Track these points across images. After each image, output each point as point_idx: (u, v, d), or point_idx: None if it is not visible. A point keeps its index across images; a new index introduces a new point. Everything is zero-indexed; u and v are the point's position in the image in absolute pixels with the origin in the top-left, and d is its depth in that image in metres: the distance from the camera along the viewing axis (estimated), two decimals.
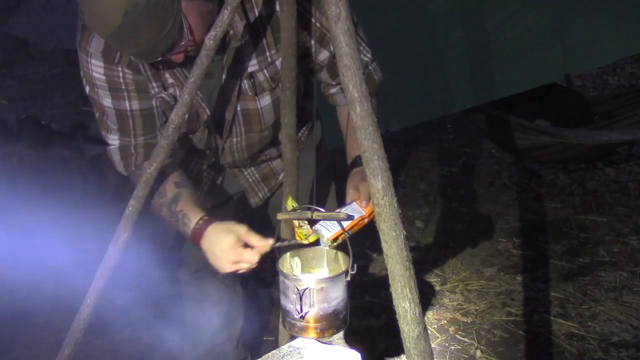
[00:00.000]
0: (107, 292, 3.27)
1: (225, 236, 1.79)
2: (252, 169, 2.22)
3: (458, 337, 2.95)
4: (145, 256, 3.54)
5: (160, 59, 1.73)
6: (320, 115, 2.39)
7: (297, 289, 1.75)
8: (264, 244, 1.78)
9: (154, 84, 1.90)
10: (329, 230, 1.80)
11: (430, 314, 3.07)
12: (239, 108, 1.98)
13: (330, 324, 1.76)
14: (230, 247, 1.77)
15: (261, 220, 2.39)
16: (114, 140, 1.97)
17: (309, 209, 1.81)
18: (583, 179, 4.20)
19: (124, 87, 1.89)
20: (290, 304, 1.79)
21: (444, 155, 4.69)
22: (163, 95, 1.91)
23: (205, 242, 1.82)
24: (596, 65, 4.54)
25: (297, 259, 1.90)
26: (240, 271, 1.81)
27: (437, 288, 3.27)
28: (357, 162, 1.95)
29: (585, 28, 3.38)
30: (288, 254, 1.89)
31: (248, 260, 1.78)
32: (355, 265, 1.75)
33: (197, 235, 1.84)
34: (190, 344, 2.55)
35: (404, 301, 1.38)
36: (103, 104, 1.91)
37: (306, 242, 1.82)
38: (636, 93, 3.97)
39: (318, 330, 1.76)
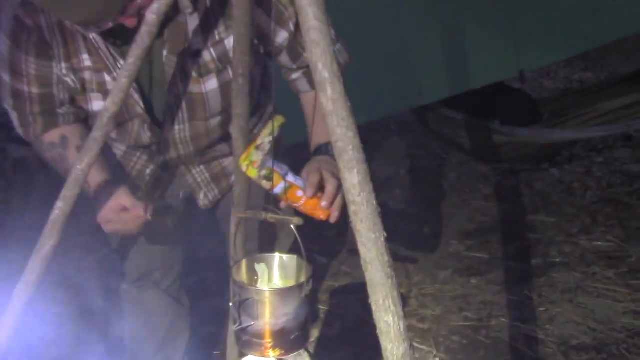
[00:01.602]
0: (34, 308, 2.96)
1: (104, 210, 1.70)
2: (202, 167, 1.96)
3: (415, 344, 2.75)
4: (73, 265, 3.22)
5: (110, 26, 1.49)
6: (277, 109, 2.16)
7: (239, 297, 1.52)
8: (134, 208, 1.68)
9: (63, 65, 1.67)
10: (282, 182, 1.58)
11: None
12: (180, 91, 1.73)
13: (277, 344, 1.51)
14: (105, 222, 1.70)
15: (210, 224, 2.15)
16: (10, 107, 1.76)
17: (264, 209, 1.58)
18: (530, 180, 4.09)
19: (24, 73, 1.67)
20: (235, 312, 1.56)
21: (390, 157, 4.51)
22: (68, 79, 1.68)
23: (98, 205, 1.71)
24: (550, 62, 4.44)
25: (263, 266, 1.66)
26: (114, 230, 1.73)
27: None
28: (322, 149, 1.72)
29: (539, 23, 3.27)
30: (258, 257, 1.65)
31: (119, 228, 1.71)
32: (310, 280, 1.52)
33: (95, 196, 1.73)
34: None
35: (387, 314, 1.16)
36: (2, 76, 1.71)
37: (244, 169, 1.58)
38: (583, 92, 3.90)
39: (262, 347, 1.50)
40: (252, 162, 1.58)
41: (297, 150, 2.10)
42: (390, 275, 1.15)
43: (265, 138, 1.59)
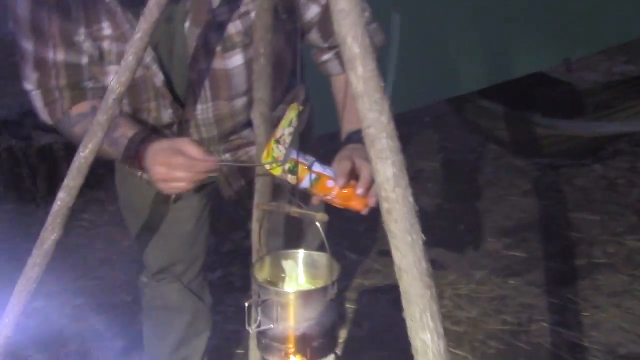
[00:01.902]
0: (55, 298, 2.84)
1: (157, 153, 1.45)
2: (227, 155, 1.80)
3: (450, 349, 2.56)
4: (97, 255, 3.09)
5: None
6: (308, 96, 2.00)
7: (258, 297, 1.37)
8: (203, 156, 1.41)
9: (82, 31, 1.51)
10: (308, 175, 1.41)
11: None
12: (203, 67, 1.57)
13: (298, 349, 1.35)
14: (161, 165, 1.42)
15: (236, 215, 1.99)
16: (34, 85, 1.59)
17: (289, 202, 1.42)
18: (571, 176, 3.85)
19: (48, 34, 1.50)
20: (254, 312, 1.41)
21: (423, 150, 4.31)
22: (86, 45, 1.53)
23: (145, 160, 1.47)
24: (595, 50, 4.18)
25: (291, 263, 1.49)
26: (173, 191, 1.49)
27: None
28: (353, 137, 1.54)
29: (584, 9, 3.04)
30: (284, 253, 1.49)
31: (177, 175, 1.41)
32: (336, 283, 1.35)
33: (139, 152, 1.49)
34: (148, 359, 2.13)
35: (424, 331, 0.98)
36: (24, 46, 1.54)
37: (268, 167, 1.42)
38: (631, 83, 3.65)
39: (282, 352, 1.35)
40: (275, 159, 1.42)
41: (330, 141, 1.94)
42: (429, 286, 0.97)
43: (284, 129, 1.42)
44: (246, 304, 1.38)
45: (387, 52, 1.87)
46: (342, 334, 2.61)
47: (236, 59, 1.59)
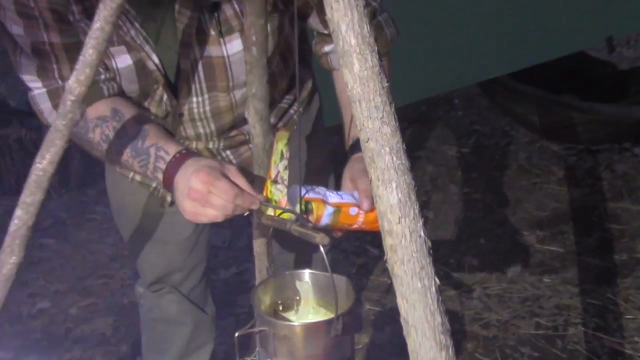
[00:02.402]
0: (62, 298, 2.68)
1: (202, 169, 1.19)
2: (228, 152, 1.58)
3: (478, 356, 2.33)
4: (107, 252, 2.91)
5: None
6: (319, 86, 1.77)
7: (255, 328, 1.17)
8: (249, 191, 1.19)
9: (75, 9, 1.28)
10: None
11: None
12: (197, 54, 1.35)
13: None
14: (209, 173, 1.18)
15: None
16: (36, 83, 1.36)
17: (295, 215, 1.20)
18: (610, 161, 3.55)
19: (37, 14, 1.27)
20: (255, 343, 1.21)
21: (453, 134, 4.04)
22: (82, 25, 1.29)
23: (178, 176, 1.24)
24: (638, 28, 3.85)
25: (306, 285, 1.29)
26: (201, 221, 1.22)
27: (450, 292, 2.65)
28: (359, 145, 1.32)
29: None
30: (297, 274, 1.28)
31: (214, 202, 1.17)
32: (340, 319, 1.12)
33: (173, 168, 1.25)
34: None
35: None
36: (14, 33, 1.31)
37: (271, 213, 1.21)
38: None
39: None
40: (278, 203, 1.20)
41: (341, 132, 1.72)
42: (445, 346, 0.75)
43: (278, 165, 1.21)
44: (236, 335, 1.17)
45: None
46: (363, 339, 2.40)
47: (235, 45, 1.38)
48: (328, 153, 1.80)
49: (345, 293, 1.22)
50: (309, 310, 1.27)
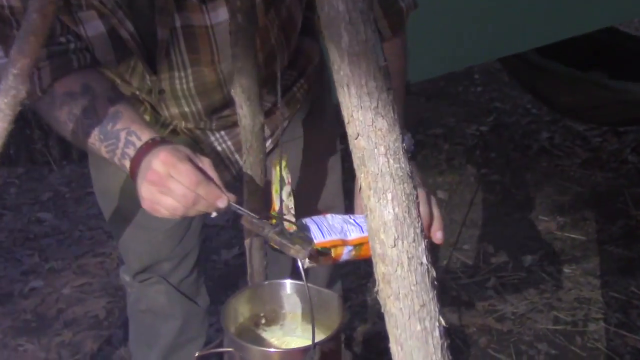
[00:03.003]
0: (55, 277, 2.54)
1: (166, 149, 1.03)
2: (222, 133, 1.41)
3: (491, 352, 2.15)
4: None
5: None
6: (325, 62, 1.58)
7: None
8: (219, 185, 1.02)
9: None
10: (323, 233, 1.01)
11: (454, 319, 2.28)
12: (178, 24, 1.17)
13: None
14: (173, 153, 1.01)
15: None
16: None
17: (276, 218, 1.02)
18: (637, 143, 3.32)
19: None
20: None
21: (472, 111, 3.82)
22: None
23: (143, 162, 1.06)
24: None
25: (294, 298, 1.13)
26: (159, 213, 1.03)
27: (464, 281, 2.47)
28: None
29: None
30: (279, 284, 1.12)
31: (173, 188, 0.99)
32: (317, 348, 0.95)
33: (141, 155, 1.07)
34: None
35: None
36: None
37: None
38: None
39: None
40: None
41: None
42: None
43: (281, 195, 1.02)
44: (196, 355, 1.01)
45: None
46: (368, 331, 2.24)
47: (221, 13, 1.19)
48: (336, 136, 1.62)
49: (334, 312, 1.05)
50: (296, 326, 1.10)
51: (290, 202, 0.99)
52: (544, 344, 2.18)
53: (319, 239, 0.99)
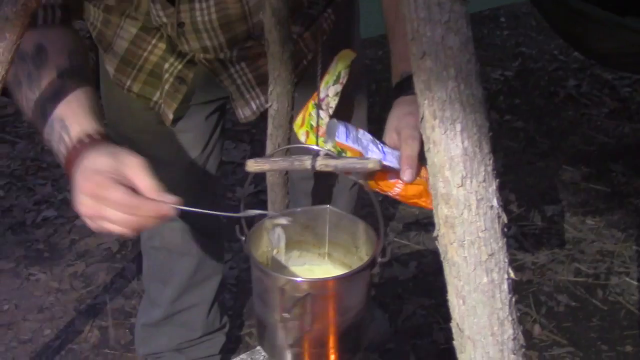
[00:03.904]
0: (68, 208, 2.49)
1: (97, 161, 0.91)
2: (243, 64, 1.30)
3: None
4: None
5: None
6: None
7: (283, 295, 0.92)
8: (157, 194, 0.90)
9: None
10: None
11: None
12: None
13: (343, 350, 0.95)
14: (93, 181, 0.89)
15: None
16: None
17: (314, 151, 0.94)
18: None
19: None
20: (270, 315, 0.98)
21: (496, 56, 3.67)
22: None
23: (73, 177, 0.94)
24: None
25: (279, 230, 1.06)
26: (101, 229, 0.93)
27: None
28: (410, 84, 1.04)
29: None
30: (266, 222, 1.06)
31: (110, 216, 0.89)
32: (388, 248, 0.92)
33: (71, 160, 0.95)
34: (146, 305, 1.75)
35: None
36: None
37: (302, 137, 0.99)
38: None
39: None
40: (312, 128, 0.94)
41: (377, 45, 1.42)
42: None
43: (329, 87, 0.93)
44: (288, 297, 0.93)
45: None
46: (384, 274, 2.18)
47: None
48: (362, 70, 1.51)
49: (363, 240, 0.99)
50: (321, 252, 1.05)
51: (333, 102, 0.91)
52: (564, 295, 2.12)
53: (341, 139, 0.93)
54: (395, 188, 0.94)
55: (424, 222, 2.40)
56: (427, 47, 0.48)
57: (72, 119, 0.98)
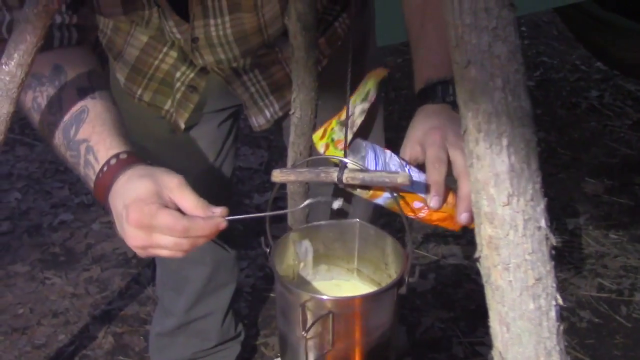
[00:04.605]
0: (84, 212, 2.47)
1: (138, 188, 0.87)
2: (256, 71, 1.26)
3: None
4: None
5: None
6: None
7: (305, 312, 0.88)
8: (203, 211, 0.87)
9: None
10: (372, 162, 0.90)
11: None
12: None
13: None
14: (140, 211, 0.85)
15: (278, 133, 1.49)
16: None
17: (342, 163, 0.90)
18: None
19: None
20: (292, 332, 0.94)
21: None
22: None
23: (112, 205, 0.89)
24: None
25: (306, 243, 1.03)
26: (157, 254, 0.89)
27: None
28: (438, 92, 1.00)
29: None
30: (293, 235, 1.02)
31: (162, 243, 0.86)
32: (416, 268, 0.90)
33: (103, 184, 0.91)
34: (160, 314, 1.72)
35: None
36: None
37: (322, 149, 0.93)
38: None
39: None
40: (333, 142, 0.90)
41: (395, 55, 1.39)
42: None
43: (356, 105, 0.90)
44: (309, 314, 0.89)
45: None
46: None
47: None
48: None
49: (391, 255, 0.96)
50: (348, 268, 1.01)
51: (358, 120, 0.87)
52: (586, 311, 2.07)
53: (370, 165, 0.89)
54: (419, 214, 0.90)
55: (443, 234, 2.35)
56: (472, 55, 0.45)
57: (97, 140, 0.95)
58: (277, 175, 0.88)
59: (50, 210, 2.45)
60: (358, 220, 0.98)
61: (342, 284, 1.00)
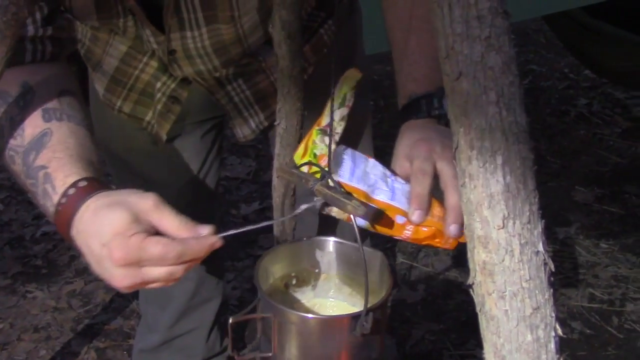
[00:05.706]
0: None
1: (113, 220, 0.77)
2: (240, 81, 1.22)
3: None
4: None
5: None
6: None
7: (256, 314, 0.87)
8: (188, 231, 0.79)
9: None
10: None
11: None
12: None
13: None
14: (125, 247, 0.76)
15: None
16: None
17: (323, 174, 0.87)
18: None
19: None
20: (266, 346, 0.92)
21: None
22: None
23: (78, 230, 0.81)
24: None
25: (329, 257, 0.99)
26: (148, 288, 0.81)
27: None
28: (422, 106, 0.96)
29: None
30: (313, 241, 0.98)
31: (153, 276, 0.78)
32: (370, 314, 0.80)
33: (63, 219, 0.82)
34: (143, 330, 1.67)
35: None
36: None
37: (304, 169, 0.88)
38: None
39: None
40: (315, 158, 0.86)
41: (381, 62, 1.35)
42: None
43: (336, 117, 0.86)
44: (230, 321, 0.86)
45: None
46: (391, 297, 2.10)
47: None
48: (368, 87, 1.44)
49: (379, 274, 0.91)
50: (330, 287, 0.97)
51: (339, 127, 0.84)
52: (577, 322, 2.04)
53: (344, 178, 0.85)
54: (405, 231, 0.86)
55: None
56: (463, 66, 0.41)
57: (55, 167, 0.85)
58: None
59: (32, 221, 2.40)
60: (380, 253, 0.93)
61: (340, 304, 0.96)
